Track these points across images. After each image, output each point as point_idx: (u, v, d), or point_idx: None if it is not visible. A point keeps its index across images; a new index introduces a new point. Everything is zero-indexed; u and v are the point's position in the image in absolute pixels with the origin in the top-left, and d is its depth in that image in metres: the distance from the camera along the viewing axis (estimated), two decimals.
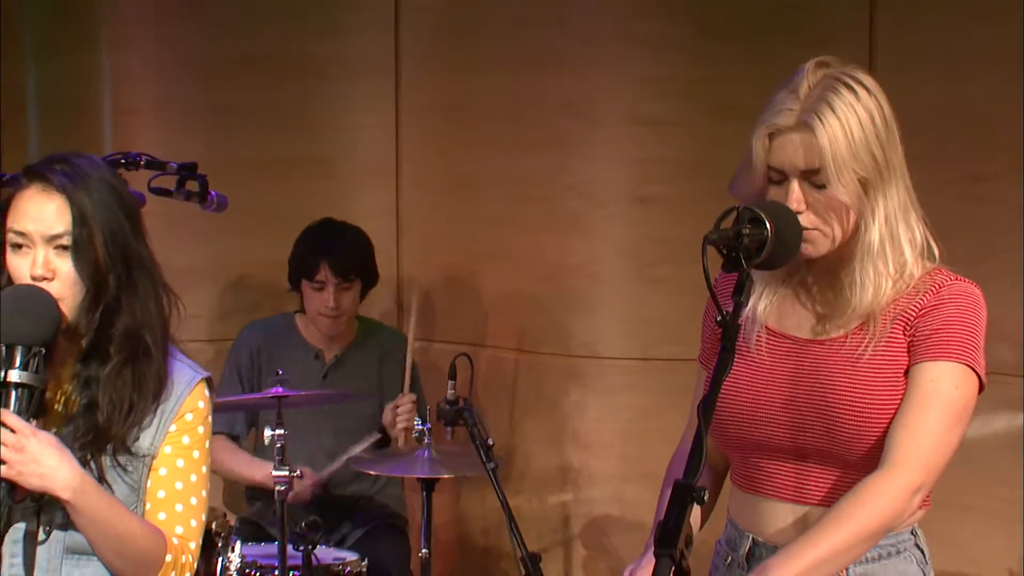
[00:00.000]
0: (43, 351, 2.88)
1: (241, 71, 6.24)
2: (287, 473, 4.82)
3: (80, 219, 2.92)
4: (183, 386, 3.04)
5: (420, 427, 5.17)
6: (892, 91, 2.98)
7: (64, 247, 2.93)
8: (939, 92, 4.98)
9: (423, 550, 5.13)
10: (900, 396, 2.94)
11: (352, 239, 5.59)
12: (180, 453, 3.03)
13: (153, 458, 3.02)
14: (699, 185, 5.14)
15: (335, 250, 5.50)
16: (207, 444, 3.08)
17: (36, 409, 2.89)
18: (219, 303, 6.19)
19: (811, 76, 2.91)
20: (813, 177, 2.87)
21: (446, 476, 5.25)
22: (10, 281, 2.96)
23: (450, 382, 5.01)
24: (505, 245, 5.88)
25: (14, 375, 2.84)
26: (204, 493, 3.07)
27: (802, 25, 5.20)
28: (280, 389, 4.96)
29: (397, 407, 5.47)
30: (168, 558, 2.97)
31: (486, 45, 5.88)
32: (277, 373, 5.08)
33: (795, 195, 2.88)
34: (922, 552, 3.06)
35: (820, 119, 2.84)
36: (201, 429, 3.06)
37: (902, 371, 2.95)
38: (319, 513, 5.50)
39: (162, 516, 3.02)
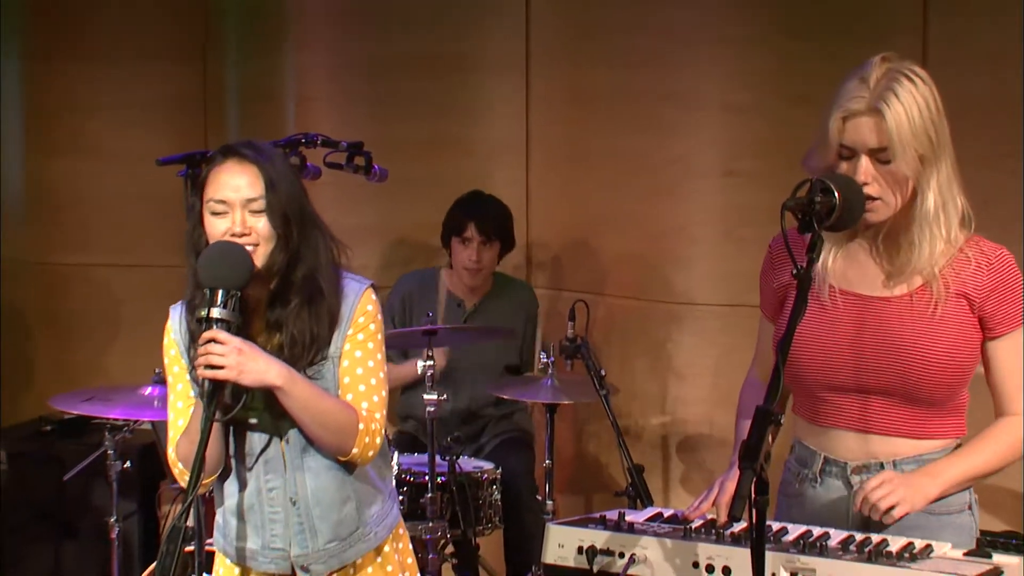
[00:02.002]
0: (239, 294, 2.97)
1: (399, 66, 6.27)
2: (436, 397, 4.84)
3: (270, 185, 3.02)
4: (353, 297, 3.14)
5: (545, 360, 5.18)
6: (942, 81, 2.97)
7: (257, 209, 3.02)
8: (981, 82, 4.92)
9: (547, 461, 5.16)
10: (961, 347, 2.99)
11: (496, 207, 5.63)
12: (357, 347, 3.13)
13: (339, 357, 3.13)
14: (778, 161, 5.10)
15: (481, 213, 5.55)
16: (379, 336, 3.18)
17: None
18: (381, 257, 6.24)
19: (877, 69, 2.92)
20: (880, 154, 2.89)
21: (566, 402, 5.26)
22: (207, 242, 3.05)
23: (569, 323, 5.02)
24: (617, 211, 5.87)
25: (216, 312, 2.95)
26: (381, 375, 3.17)
27: (866, 26, 5.15)
28: (432, 325, 4.98)
29: None
30: (360, 427, 3.08)
31: (602, 44, 5.85)
32: (428, 315, 5.11)
33: (863, 168, 2.90)
34: None
35: (888, 105, 2.86)
36: (372, 326, 3.16)
37: (964, 328, 2.99)
38: (461, 429, 5.55)
39: (350, 397, 3.12)
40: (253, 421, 3.16)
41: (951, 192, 2.94)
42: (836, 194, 2.73)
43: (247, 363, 2.93)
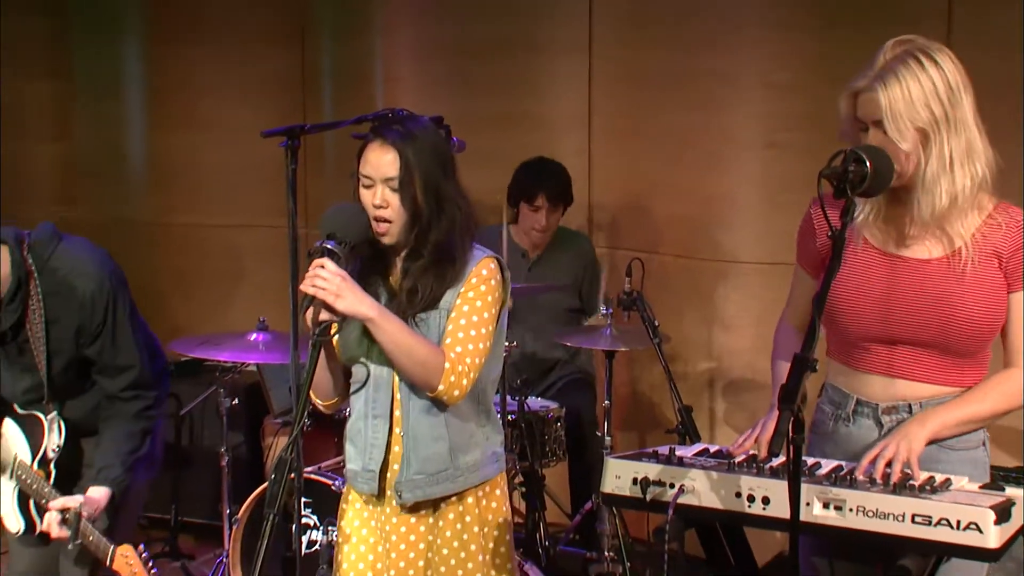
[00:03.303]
0: (349, 243, 3.04)
1: (475, 49, 6.28)
2: (507, 343, 4.84)
3: (406, 168, 3.09)
4: (472, 263, 3.19)
5: (605, 312, 5.18)
6: (964, 60, 2.93)
7: (394, 188, 3.10)
8: (1000, 61, 4.86)
9: (606, 401, 5.16)
10: (993, 304, 2.94)
11: (561, 174, 5.59)
12: (465, 302, 3.17)
13: (449, 310, 3.17)
14: (814, 134, 5.05)
15: (550, 183, 5.52)
16: (489, 299, 3.18)
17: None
18: None
19: (889, 52, 2.90)
20: (881, 126, 2.87)
21: (623, 349, 5.25)
22: (362, 205, 3.15)
23: (626, 279, 5.01)
24: (670, 178, 5.85)
25: (329, 244, 3.01)
26: (484, 330, 3.17)
27: (895, 12, 5.10)
28: None
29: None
30: (446, 366, 3.10)
31: (657, 28, 5.83)
32: None
33: (870, 137, 2.89)
34: None
35: (884, 84, 2.84)
36: (483, 288, 3.17)
37: (994, 290, 2.95)
38: (529, 372, 5.56)
39: (447, 341, 3.15)
40: (364, 360, 3.23)
41: (964, 163, 2.88)
42: (868, 163, 2.71)
43: (345, 291, 2.97)
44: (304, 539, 4.49)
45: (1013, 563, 4.16)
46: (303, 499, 4.25)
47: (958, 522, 2.61)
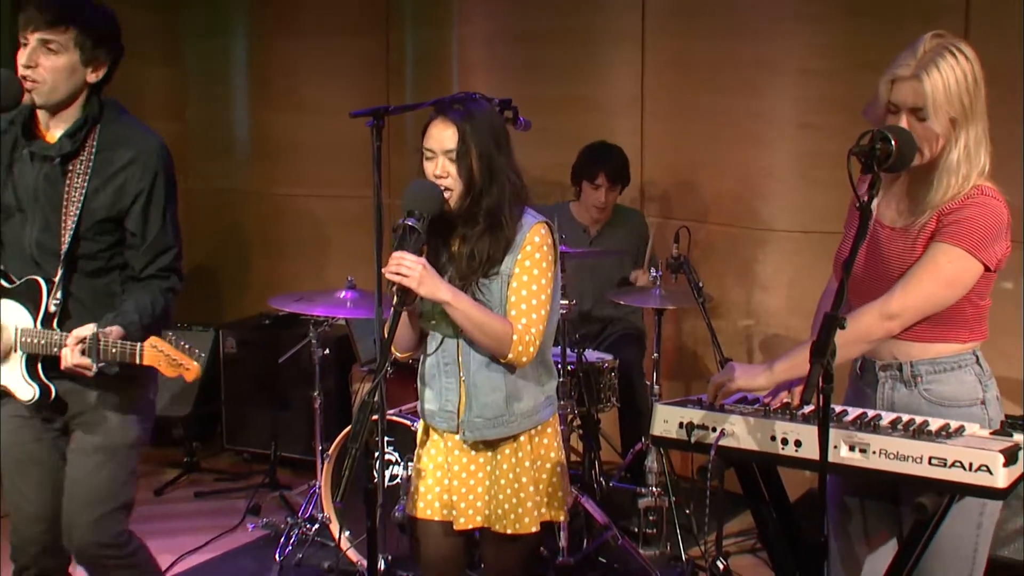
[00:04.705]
0: (427, 216, 3.08)
1: (540, 38, 6.27)
2: (567, 302, 4.85)
3: (462, 140, 3.11)
4: (525, 229, 3.19)
5: (655, 274, 5.17)
6: (979, 52, 2.89)
7: (452, 159, 3.12)
8: (1012, 53, 4.77)
9: (655, 354, 5.16)
10: None
11: (619, 156, 5.57)
12: (523, 271, 3.18)
13: (510, 277, 3.17)
14: (844, 115, 4.97)
15: (610, 164, 5.50)
16: (544, 264, 3.19)
17: (417, 251, 3.11)
18: None
19: (928, 43, 2.85)
20: (917, 113, 2.84)
21: (671, 307, 5.24)
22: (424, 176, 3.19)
23: (674, 245, 5.00)
24: (714, 155, 5.82)
25: (409, 221, 3.06)
26: (543, 297, 3.18)
27: (917, 6, 5.03)
28: (564, 248, 4.97)
29: (637, 278, 5.51)
30: (515, 337, 3.14)
31: (703, 20, 5.78)
32: (562, 237, 5.11)
33: (903, 123, 2.84)
34: (981, 368, 2.97)
35: (928, 74, 2.80)
36: (538, 255, 3.18)
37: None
38: (587, 328, 5.56)
39: (512, 312, 3.17)
40: (433, 321, 3.27)
41: (976, 152, 2.85)
42: (893, 142, 2.69)
43: (426, 278, 3.04)
44: (387, 473, 4.54)
45: (1017, 501, 4.14)
46: (386, 438, 4.29)
47: (970, 464, 2.60)
